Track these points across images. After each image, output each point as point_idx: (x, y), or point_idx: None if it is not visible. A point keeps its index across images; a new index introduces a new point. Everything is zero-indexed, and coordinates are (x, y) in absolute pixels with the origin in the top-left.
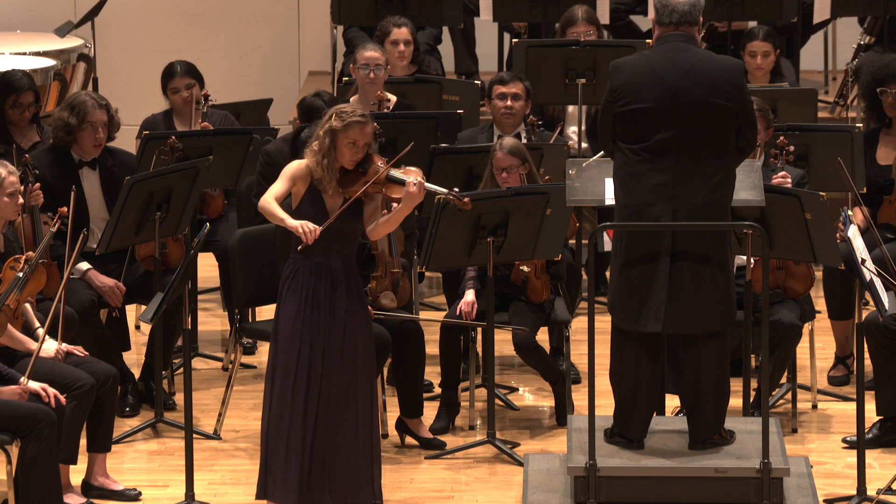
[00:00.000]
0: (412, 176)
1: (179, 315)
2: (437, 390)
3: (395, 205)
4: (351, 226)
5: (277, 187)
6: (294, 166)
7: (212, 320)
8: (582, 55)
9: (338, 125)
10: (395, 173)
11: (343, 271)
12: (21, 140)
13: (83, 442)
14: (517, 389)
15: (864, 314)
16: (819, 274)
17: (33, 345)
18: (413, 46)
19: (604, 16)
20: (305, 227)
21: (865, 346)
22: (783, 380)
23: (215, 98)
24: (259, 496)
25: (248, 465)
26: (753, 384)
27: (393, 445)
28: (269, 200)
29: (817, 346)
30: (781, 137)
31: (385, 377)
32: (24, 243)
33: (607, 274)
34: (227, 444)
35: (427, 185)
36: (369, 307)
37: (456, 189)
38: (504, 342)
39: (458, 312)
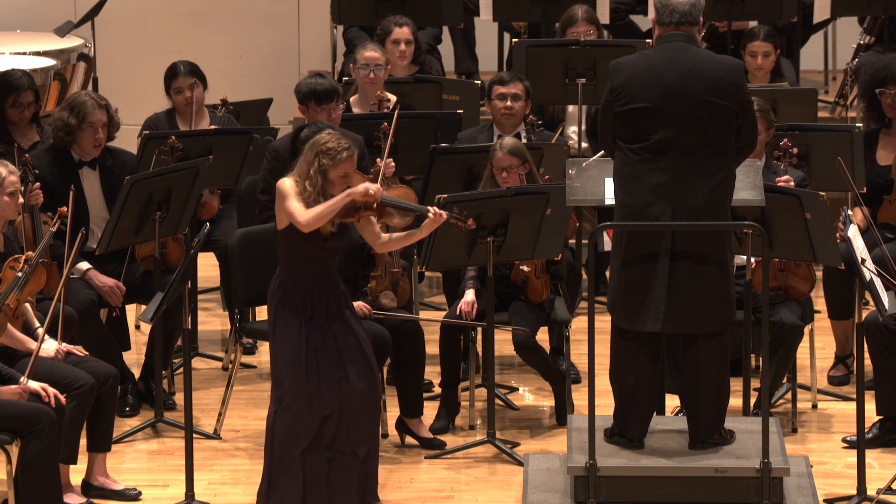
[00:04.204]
0: (402, 191)
1: (179, 315)
2: (437, 390)
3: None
4: (336, 245)
5: (298, 203)
6: (290, 184)
7: (212, 320)
8: (582, 55)
9: (329, 163)
10: (389, 199)
11: (332, 284)
12: (21, 140)
13: (83, 442)
14: (517, 389)
15: (864, 314)
16: (819, 274)
17: (33, 344)
18: (414, 46)
19: (604, 16)
20: (370, 187)
21: (865, 345)
22: (784, 380)
23: (229, 105)
24: None
25: (248, 465)
26: (754, 384)
27: (393, 445)
28: (308, 210)
29: (817, 346)
30: (785, 140)
31: (385, 377)
32: (24, 243)
33: (607, 274)
34: (227, 444)
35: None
36: (369, 307)
37: (456, 209)
38: (504, 342)
39: (458, 312)
